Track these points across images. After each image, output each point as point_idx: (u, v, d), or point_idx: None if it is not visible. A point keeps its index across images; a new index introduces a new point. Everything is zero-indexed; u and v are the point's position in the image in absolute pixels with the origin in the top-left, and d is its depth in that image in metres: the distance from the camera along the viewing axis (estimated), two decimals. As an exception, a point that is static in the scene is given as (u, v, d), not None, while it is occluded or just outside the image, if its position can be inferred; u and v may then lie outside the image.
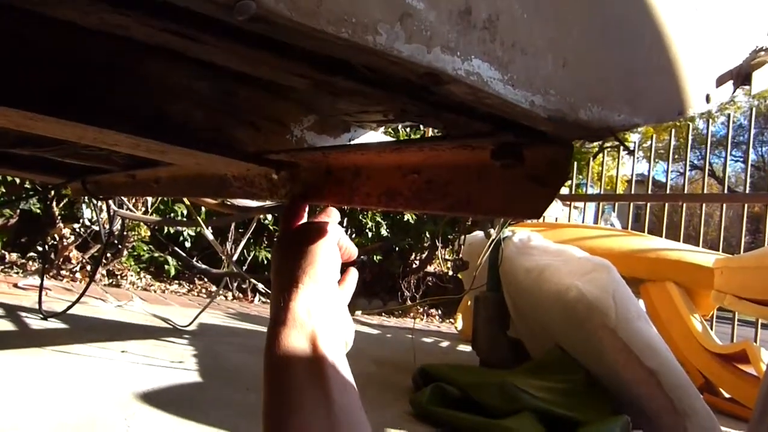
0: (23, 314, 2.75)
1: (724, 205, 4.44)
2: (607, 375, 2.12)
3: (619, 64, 0.51)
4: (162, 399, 1.83)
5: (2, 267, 4.17)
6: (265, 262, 5.36)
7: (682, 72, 0.56)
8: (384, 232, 5.92)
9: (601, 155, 5.51)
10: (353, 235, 6.02)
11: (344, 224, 6.65)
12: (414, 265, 6.37)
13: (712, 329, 3.55)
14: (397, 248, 6.10)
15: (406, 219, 5.96)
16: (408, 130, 5.65)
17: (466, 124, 0.53)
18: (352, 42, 0.35)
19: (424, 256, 6.41)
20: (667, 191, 5.47)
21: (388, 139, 1.33)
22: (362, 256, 5.87)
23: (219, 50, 0.42)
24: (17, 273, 4.09)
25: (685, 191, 4.98)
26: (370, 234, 5.86)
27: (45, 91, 0.78)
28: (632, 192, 5.28)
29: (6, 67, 0.76)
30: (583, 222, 5.48)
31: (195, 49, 0.42)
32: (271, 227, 5.41)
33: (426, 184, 0.68)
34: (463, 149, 0.60)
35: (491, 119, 0.51)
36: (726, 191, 4.79)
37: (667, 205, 4.84)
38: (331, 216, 0.82)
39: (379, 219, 5.87)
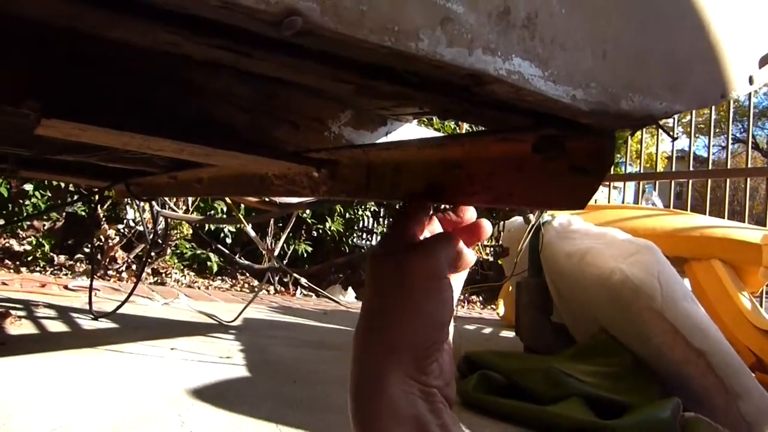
0: (75, 315, 2.84)
1: (770, 179, 4.33)
2: (655, 357, 2.10)
3: (660, 51, 0.51)
4: (213, 394, 1.87)
5: (52, 269, 4.30)
6: (305, 255, 5.41)
7: (724, 54, 0.55)
8: (421, 220, 5.91)
9: (639, 133, 5.41)
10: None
11: (381, 214, 6.67)
12: (453, 253, 6.35)
13: (761, 306, 3.47)
14: (435, 236, 6.09)
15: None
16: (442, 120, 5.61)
17: (507, 120, 0.54)
18: (395, 49, 0.36)
19: (462, 242, 6.38)
20: (710, 167, 5.35)
21: (424, 130, 1.34)
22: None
23: (267, 63, 0.43)
24: (66, 275, 4.21)
25: (728, 166, 4.87)
26: (407, 223, 5.86)
27: (92, 102, 0.81)
28: (673, 169, 5.17)
29: (53, 80, 0.78)
30: (623, 202, 5.40)
31: (245, 63, 0.43)
32: (309, 221, 5.46)
33: (468, 178, 0.68)
34: (503, 143, 0.61)
35: (532, 114, 0.51)
36: (771, 164, 4.65)
37: (710, 180, 4.73)
38: (466, 215, 0.66)
39: (416, 207, 5.87)
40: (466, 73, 0.40)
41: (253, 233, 3.09)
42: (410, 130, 1.27)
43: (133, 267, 4.55)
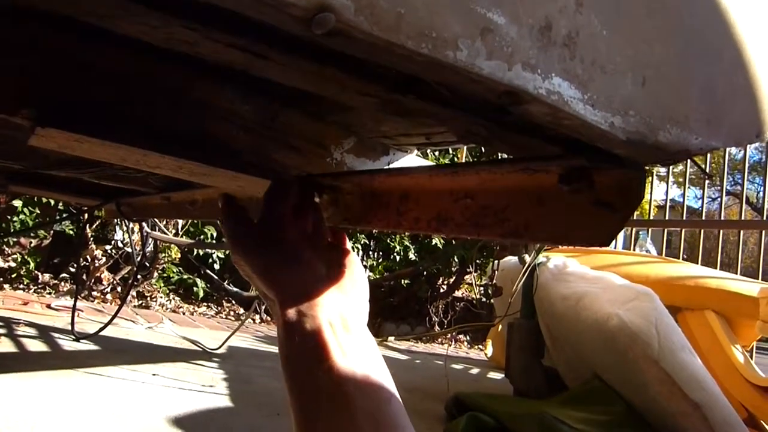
0: (56, 335, 2.76)
1: (763, 232, 4.33)
2: (649, 407, 2.05)
3: (699, 83, 0.48)
4: (194, 424, 1.81)
5: (35, 288, 4.21)
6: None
7: (762, 92, 0.53)
8: (412, 255, 5.87)
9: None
10: (380, 259, 5.99)
11: (372, 247, 6.63)
12: (442, 290, 6.30)
13: (752, 360, 3.43)
14: (425, 273, 6.04)
15: (434, 243, 5.92)
16: (437, 153, 5.61)
17: (535, 147, 0.51)
18: (431, 58, 0.33)
19: (452, 280, 6.34)
20: (702, 217, 5.35)
21: (426, 161, 1.31)
22: (390, 281, 5.83)
23: (284, 67, 0.40)
24: (50, 294, 4.12)
25: (722, 217, 4.87)
26: (398, 258, 5.82)
27: (89, 114, 0.78)
28: (666, 218, 5.17)
29: (50, 89, 0.75)
30: (615, 248, 5.38)
31: (259, 67, 0.40)
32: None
33: (481, 209, 0.65)
34: (524, 173, 0.57)
35: (561, 141, 0.48)
36: (765, 218, 4.66)
37: (702, 231, 4.73)
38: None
39: (407, 243, 5.84)
40: (504, 89, 0.36)
41: (243, 260, 3.04)
42: (412, 161, 1.25)
43: (119, 289, 4.46)
